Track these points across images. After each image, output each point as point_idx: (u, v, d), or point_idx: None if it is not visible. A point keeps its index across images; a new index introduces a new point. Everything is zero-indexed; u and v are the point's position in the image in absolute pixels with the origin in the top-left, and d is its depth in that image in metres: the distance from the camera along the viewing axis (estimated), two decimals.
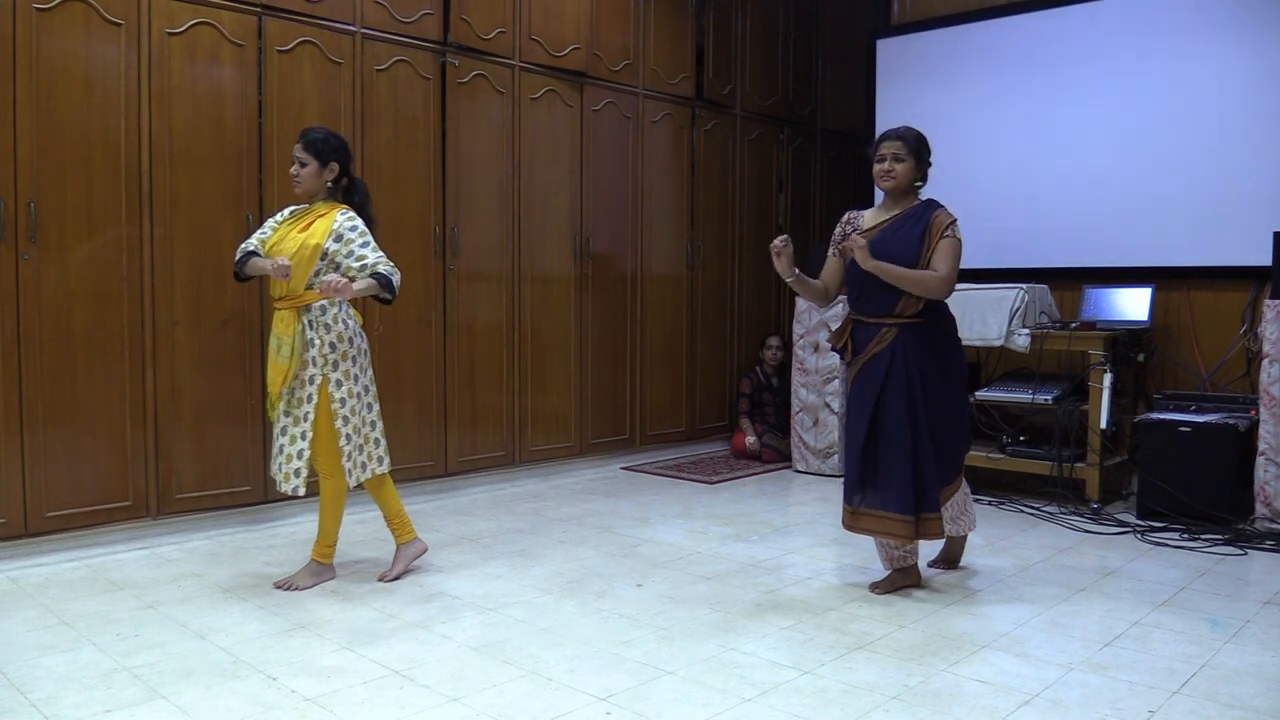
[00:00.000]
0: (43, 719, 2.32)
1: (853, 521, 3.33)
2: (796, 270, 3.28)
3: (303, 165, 3.28)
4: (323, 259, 3.23)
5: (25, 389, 3.53)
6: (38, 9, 3.50)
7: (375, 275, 3.22)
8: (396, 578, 3.42)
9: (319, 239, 3.23)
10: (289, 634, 2.89)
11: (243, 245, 3.33)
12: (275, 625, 2.97)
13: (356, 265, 3.23)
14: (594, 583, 3.43)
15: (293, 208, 3.40)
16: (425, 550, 3.56)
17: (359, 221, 3.28)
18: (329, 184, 3.32)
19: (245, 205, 4.02)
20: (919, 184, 3.33)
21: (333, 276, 3.15)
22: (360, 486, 3.41)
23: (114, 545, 3.74)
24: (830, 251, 3.43)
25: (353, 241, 3.24)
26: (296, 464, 3.26)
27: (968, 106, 5.57)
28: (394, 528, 3.49)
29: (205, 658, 2.70)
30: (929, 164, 3.33)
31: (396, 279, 3.27)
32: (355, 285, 3.17)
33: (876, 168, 3.30)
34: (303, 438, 3.26)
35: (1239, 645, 2.84)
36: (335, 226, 3.24)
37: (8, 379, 3.50)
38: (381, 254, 3.27)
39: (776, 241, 3.23)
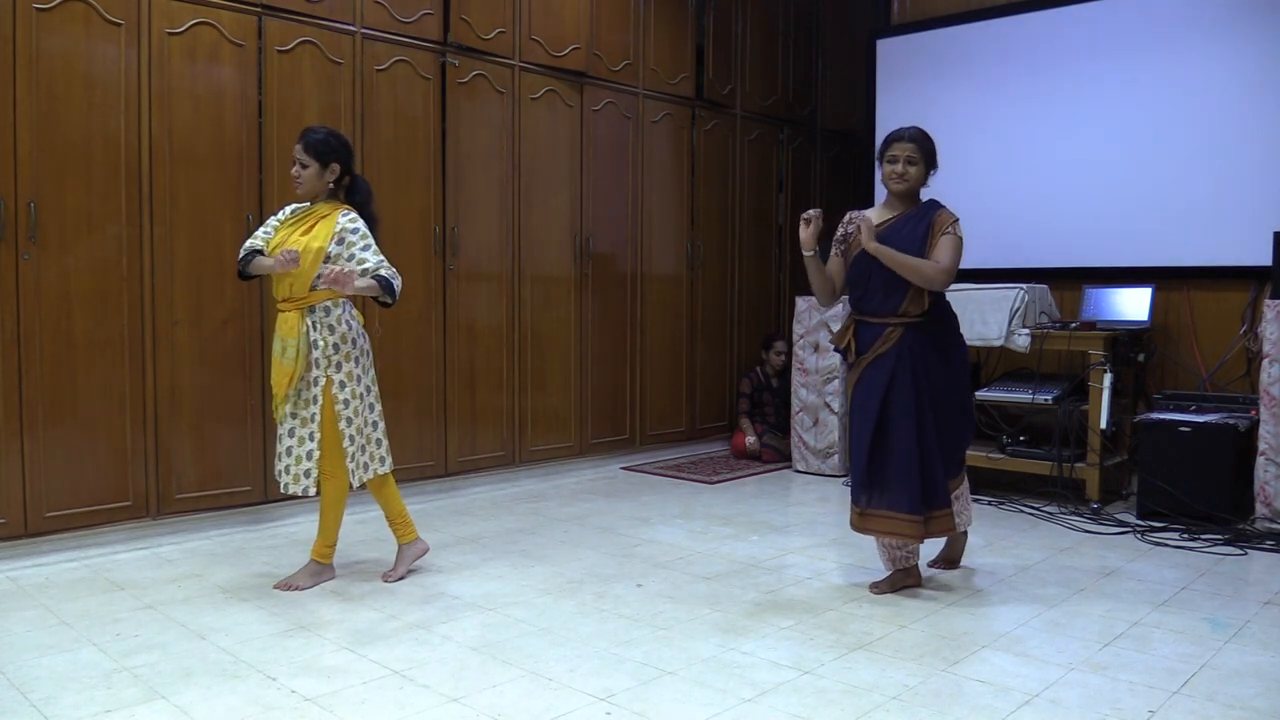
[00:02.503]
0: (43, 719, 2.33)
1: (861, 523, 3.32)
2: (818, 248, 3.29)
3: (304, 167, 3.27)
4: (325, 262, 3.23)
5: (25, 389, 3.53)
6: (38, 9, 3.50)
7: (376, 278, 3.22)
8: (400, 578, 3.42)
9: (321, 241, 3.22)
10: (289, 634, 2.89)
11: (247, 244, 3.32)
12: (275, 625, 2.97)
13: (357, 269, 3.22)
14: (594, 583, 3.43)
15: (293, 206, 3.39)
16: (427, 550, 3.56)
17: (360, 223, 3.28)
18: (330, 184, 3.32)
19: (245, 205, 4.02)
20: (922, 186, 3.35)
21: (335, 266, 3.15)
22: (362, 486, 3.41)
23: (114, 545, 3.74)
24: (833, 250, 3.43)
25: (354, 245, 3.24)
26: (306, 465, 3.26)
27: (968, 106, 5.57)
28: (396, 528, 3.49)
29: (205, 658, 2.70)
30: (935, 167, 3.34)
31: (398, 284, 3.27)
32: (357, 283, 3.16)
33: (888, 169, 3.29)
34: (310, 439, 3.26)
35: (1239, 645, 2.84)
36: (337, 229, 3.24)
37: (8, 379, 3.50)
38: (383, 258, 3.27)
39: (810, 211, 3.27)
